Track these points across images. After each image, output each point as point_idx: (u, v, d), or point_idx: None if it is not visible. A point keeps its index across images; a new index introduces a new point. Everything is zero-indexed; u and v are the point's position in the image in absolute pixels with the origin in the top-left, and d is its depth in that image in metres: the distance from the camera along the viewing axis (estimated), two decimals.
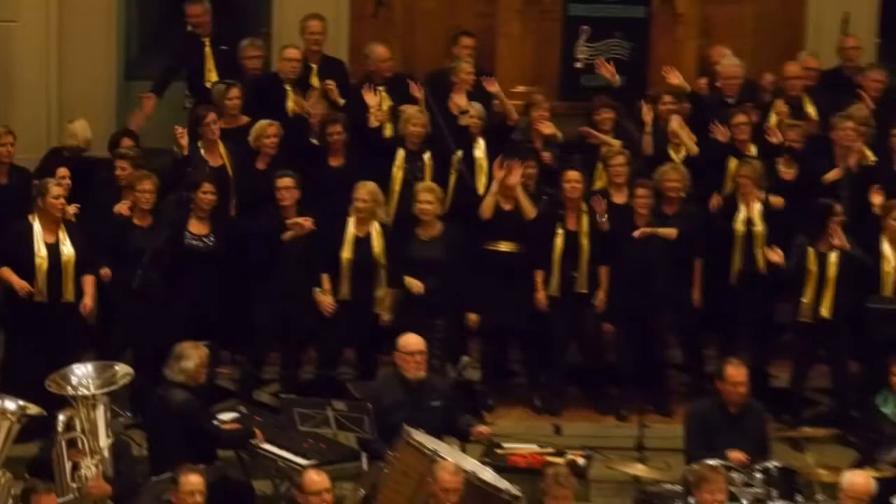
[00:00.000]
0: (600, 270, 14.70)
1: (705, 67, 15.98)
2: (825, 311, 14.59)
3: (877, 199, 14.85)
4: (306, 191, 14.54)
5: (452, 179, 14.99)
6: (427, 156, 14.99)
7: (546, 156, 15.18)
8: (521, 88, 15.79)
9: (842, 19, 16.25)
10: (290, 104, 15.37)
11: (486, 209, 14.59)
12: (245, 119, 15.18)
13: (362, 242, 14.47)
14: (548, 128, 15.05)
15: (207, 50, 15.71)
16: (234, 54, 15.74)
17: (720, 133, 15.33)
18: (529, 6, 15.95)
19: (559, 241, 14.61)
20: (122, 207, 14.30)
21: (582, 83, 15.93)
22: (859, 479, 11.82)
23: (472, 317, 14.62)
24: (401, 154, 15.01)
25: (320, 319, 14.62)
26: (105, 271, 14.06)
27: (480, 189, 14.96)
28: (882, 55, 16.37)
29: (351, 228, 14.45)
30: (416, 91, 15.42)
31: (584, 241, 14.64)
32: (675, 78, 15.59)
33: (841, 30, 16.26)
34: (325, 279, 14.54)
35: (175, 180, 14.74)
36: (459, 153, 14.93)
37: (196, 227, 14.33)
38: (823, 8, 16.50)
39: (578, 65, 15.85)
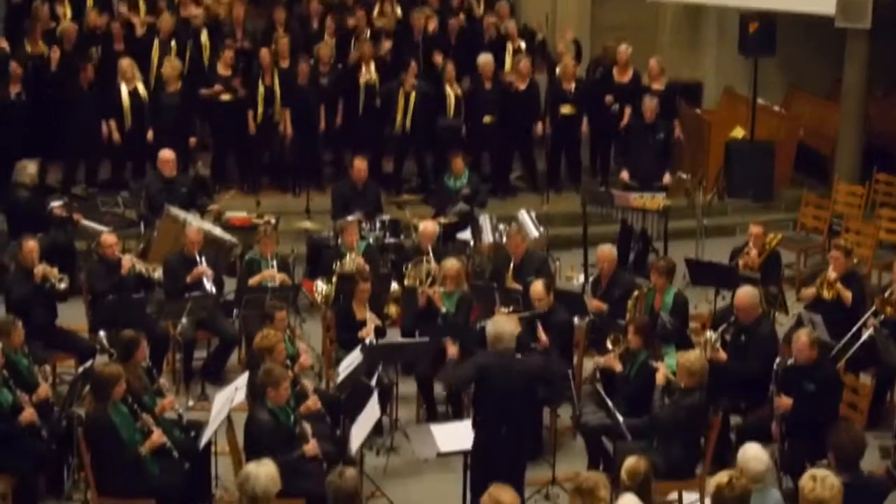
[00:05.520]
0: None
1: None
2: (407, 128, 14.66)
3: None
4: None
5: None
6: None
7: None
8: None
9: None
10: None
11: None
12: None
13: (133, 94, 14.04)
14: None
15: None
16: None
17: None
18: None
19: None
20: None
21: None
22: (430, 225, 12.10)
23: (192, 140, 14.25)
24: None
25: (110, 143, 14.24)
26: None
27: None
28: None
29: (125, 88, 13.96)
30: None
31: None
32: None
33: None
34: (113, 124, 14.00)
35: None
36: None
37: None
38: None
39: None
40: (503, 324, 8.41)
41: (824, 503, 6.50)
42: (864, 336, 10.33)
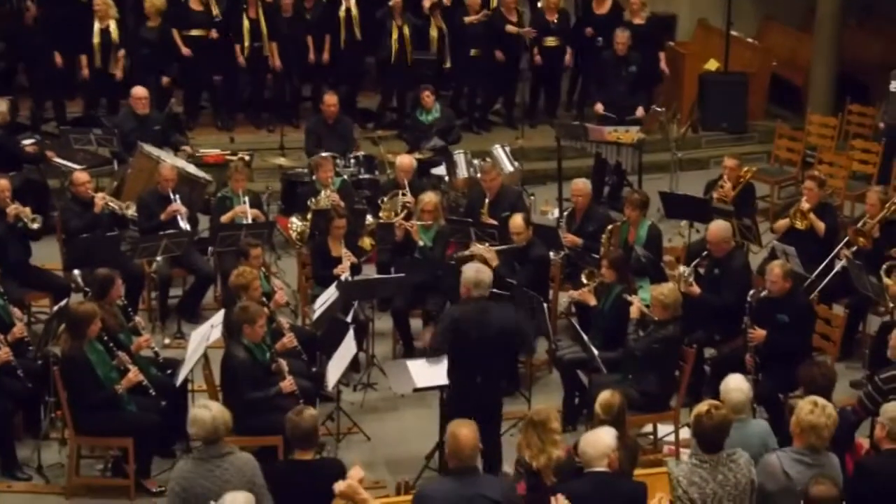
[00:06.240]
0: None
1: None
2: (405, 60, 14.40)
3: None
4: None
5: None
6: None
7: None
8: None
9: None
10: None
11: None
12: None
13: (104, 32, 13.74)
14: None
15: None
16: None
17: None
18: None
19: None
20: None
21: None
22: (406, 158, 11.97)
23: (165, 80, 13.98)
24: None
25: (81, 81, 14.04)
26: None
27: None
28: None
29: (98, 26, 13.67)
30: None
31: None
32: None
33: None
34: (84, 58, 13.78)
35: None
36: None
37: None
38: None
39: None
40: (482, 271, 8.29)
41: (817, 428, 6.58)
42: (837, 267, 10.35)
